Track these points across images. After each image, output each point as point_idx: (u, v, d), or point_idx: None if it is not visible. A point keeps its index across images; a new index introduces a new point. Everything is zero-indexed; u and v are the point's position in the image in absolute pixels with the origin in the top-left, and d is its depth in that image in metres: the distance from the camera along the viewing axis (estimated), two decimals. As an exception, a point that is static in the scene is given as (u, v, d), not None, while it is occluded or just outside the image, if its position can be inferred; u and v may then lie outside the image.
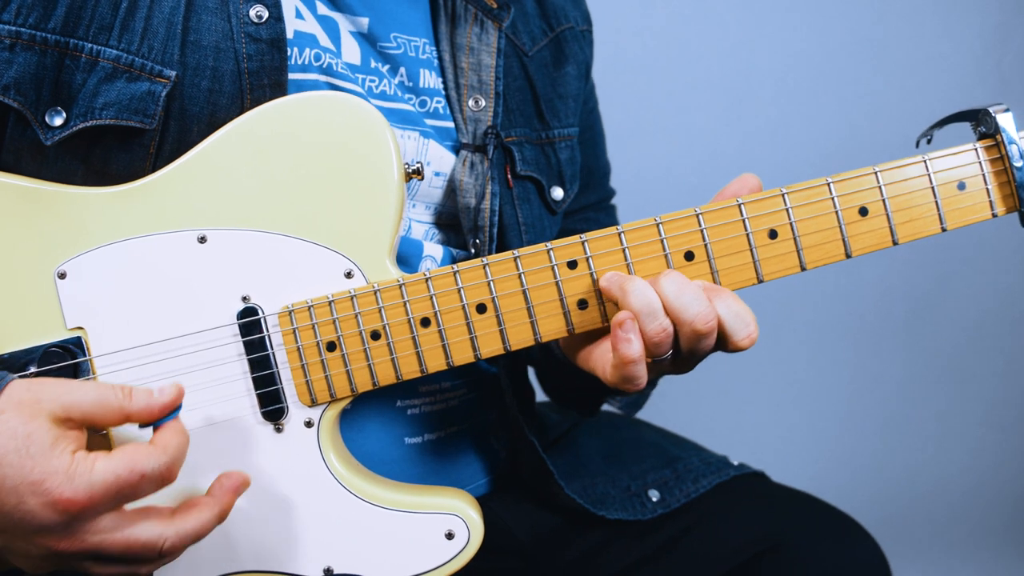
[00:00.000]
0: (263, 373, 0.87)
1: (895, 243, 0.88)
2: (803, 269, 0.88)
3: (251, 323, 0.87)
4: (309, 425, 0.88)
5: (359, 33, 1.03)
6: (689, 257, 0.87)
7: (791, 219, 0.87)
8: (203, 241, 0.87)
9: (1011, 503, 2.59)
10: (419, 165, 0.91)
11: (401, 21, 1.06)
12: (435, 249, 1.04)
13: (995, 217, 0.89)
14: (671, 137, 2.41)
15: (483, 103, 1.07)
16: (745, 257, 0.87)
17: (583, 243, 0.87)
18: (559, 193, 1.15)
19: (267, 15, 0.92)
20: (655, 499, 1.11)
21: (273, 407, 0.87)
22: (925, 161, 0.88)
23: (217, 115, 0.90)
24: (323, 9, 1.00)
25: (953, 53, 2.51)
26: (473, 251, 1.04)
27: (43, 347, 0.85)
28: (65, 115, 0.87)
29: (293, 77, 0.94)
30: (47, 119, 0.87)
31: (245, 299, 0.87)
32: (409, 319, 0.87)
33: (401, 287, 0.87)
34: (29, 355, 0.85)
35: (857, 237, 0.87)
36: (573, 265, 0.87)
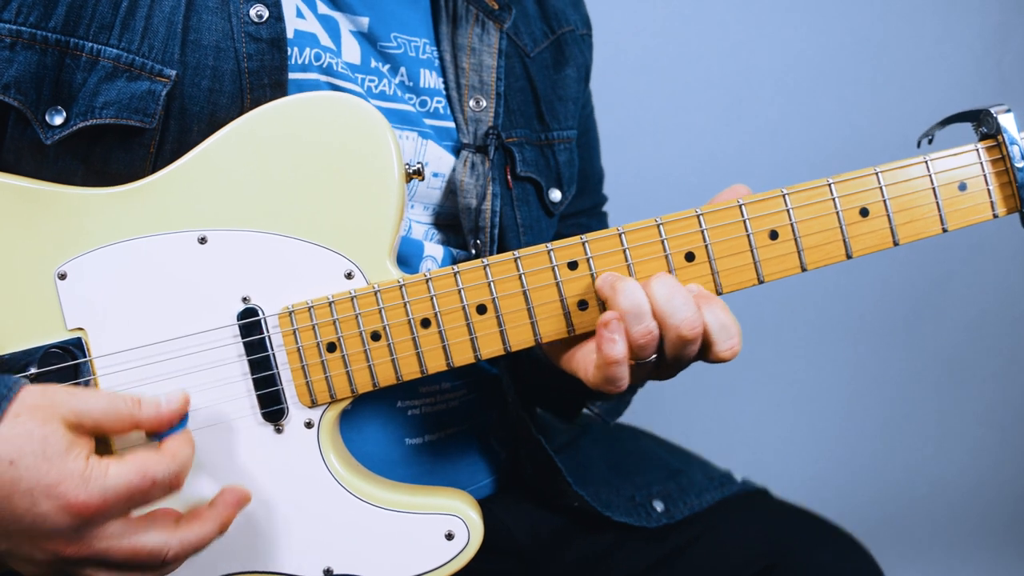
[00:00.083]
0: (263, 374, 0.87)
1: (896, 244, 0.88)
2: (804, 270, 0.88)
3: (251, 324, 0.87)
4: (309, 426, 0.88)
5: (359, 33, 1.03)
6: (690, 258, 0.87)
7: (792, 220, 0.87)
8: (203, 242, 0.87)
9: (1011, 503, 2.59)
10: (419, 165, 0.91)
11: (401, 21, 1.06)
12: (436, 249, 1.04)
13: (996, 218, 0.89)
14: (671, 138, 2.41)
15: (484, 103, 1.06)
16: (746, 258, 0.87)
17: (584, 244, 0.86)
18: (557, 195, 1.14)
19: (267, 14, 0.92)
20: (660, 509, 1.11)
21: (273, 408, 0.87)
22: (926, 162, 0.88)
23: (217, 115, 0.90)
24: (324, 8, 1.00)
25: (953, 53, 2.51)
26: (474, 252, 1.04)
27: (43, 348, 0.85)
28: (65, 114, 0.87)
29: (293, 77, 0.94)
30: (47, 118, 0.87)
31: (245, 300, 0.87)
32: (409, 320, 0.87)
33: (401, 288, 0.87)
34: (29, 356, 0.84)
35: (858, 238, 0.87)
36: (574, 266, 0.87)
